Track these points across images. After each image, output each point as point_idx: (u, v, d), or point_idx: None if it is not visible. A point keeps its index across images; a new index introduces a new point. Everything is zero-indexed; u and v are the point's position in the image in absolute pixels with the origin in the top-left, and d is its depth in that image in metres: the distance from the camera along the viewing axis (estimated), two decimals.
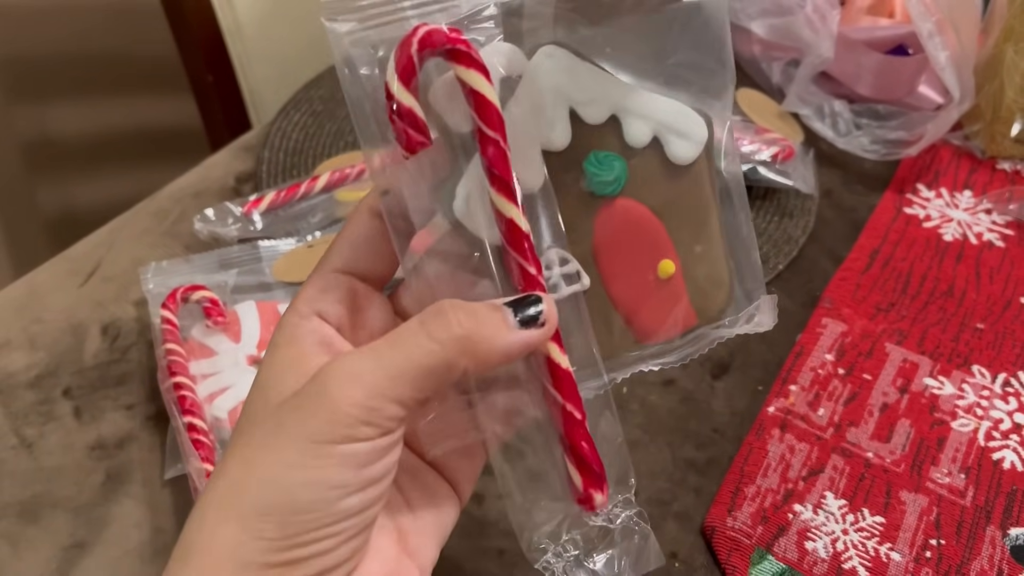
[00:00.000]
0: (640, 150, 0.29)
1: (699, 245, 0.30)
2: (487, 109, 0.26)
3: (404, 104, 0.25)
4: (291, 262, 0.53)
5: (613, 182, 0.29)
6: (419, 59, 0.25)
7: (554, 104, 0.28)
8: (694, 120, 0.29)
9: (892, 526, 0.44)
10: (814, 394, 0.50)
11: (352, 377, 0.25)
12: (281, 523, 0.25)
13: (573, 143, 0.29)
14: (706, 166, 0.30)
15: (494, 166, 0.26)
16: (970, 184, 0.66)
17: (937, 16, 0.60)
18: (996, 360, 0.53)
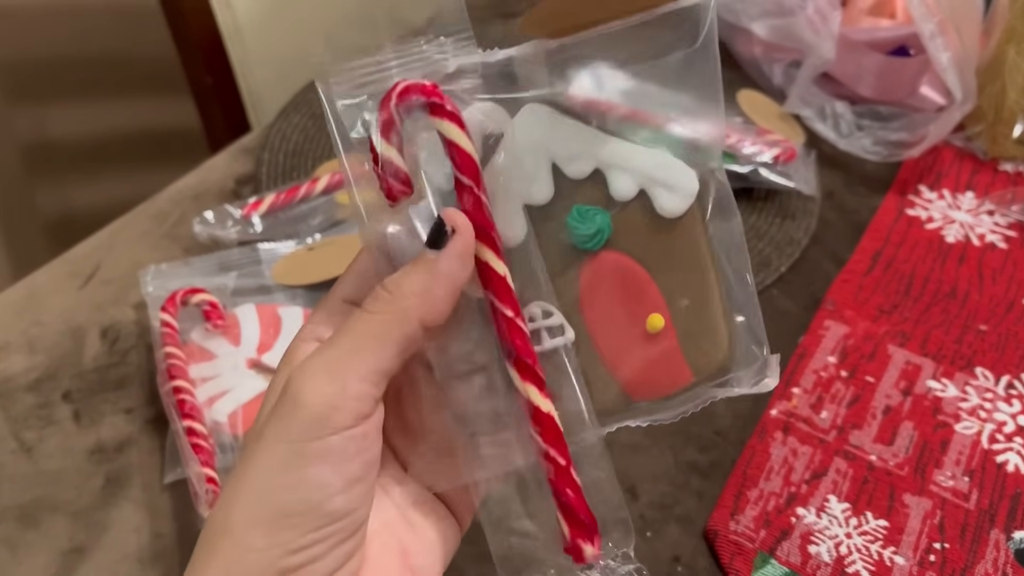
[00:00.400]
0: (626, 203, 0.29)
1: (690, 299, 0.29)
2: (462, 158, 0.27)
3: (385, 156, 0.27)
4: (291, 265, 0.53)
5: (595, 235, 0.29)
6: (398, 113, 0.26)
7: (535, 159, 0.29)
8: (683, 172, 0.29)
9: (896, 529, 0.44)
10: (817, 397, 0.50)
11: (310, 371, 0.25)
12: (269, 531, 0.25)
13: (556, 197, 0.29)
14: (698, 218, 0.29)
15: (469, 212, 0.27)
16: (972, 185, 0.66)
17: (939, 17, 0.60)
18: (999, 362, 0.52)
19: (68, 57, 1.31)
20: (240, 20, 0.95)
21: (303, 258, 0.53)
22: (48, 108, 1.32)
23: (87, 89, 1.32)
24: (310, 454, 0.25)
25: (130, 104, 1.30)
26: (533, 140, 0.28)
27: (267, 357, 0.47)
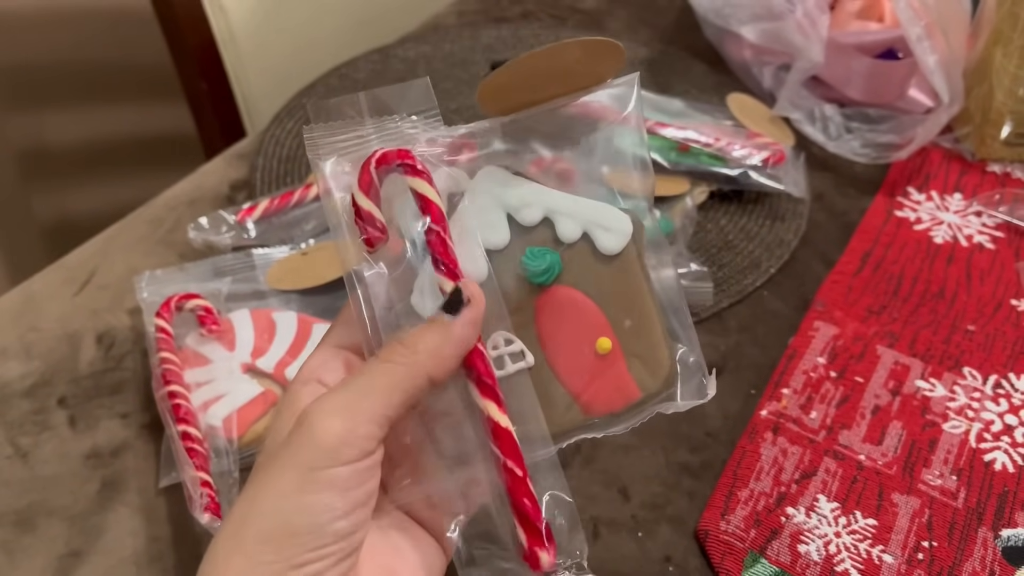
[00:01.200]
0: (572, 244, 0.34)
1: (632, 324, 0.33)
2: (430, 206, 0.31)
3: (364, 208, 0.31)
4: (285, 270, 0.53)
5: (546, 271, 0.33)
6: (377, 173, 0.31)
7: (492, 210, 0.33)
8: (618, 216, 0.33)
9: (884, 528, 0.44)
10: (806, 397, 0.51)
11: (326, 409, 0.29)
12: (278, 547, 0.27)
13: (512, 241, 0.33)
14: (635, 255, 0.34)
15: (436, 251, 0.31)
16: (960, 187, 0.66)
17: (926, 20, 0.61)
18: (987, 362, 0.53)
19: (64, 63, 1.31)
20: (234, 26, 0.96)
21: (297, 263, 0.54)
22: (44, 114, 1.32)
23: (83, 95, 1.32)
24: (320, 481, 0.28)
25: (125, 110, 1.30)
26: (490, 194, 0.33)
27: (261, 362, 0.48)
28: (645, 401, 0.33)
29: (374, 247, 0.32)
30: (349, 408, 0.29)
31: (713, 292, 0.55)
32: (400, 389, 0.29)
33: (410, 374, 0.29)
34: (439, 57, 0.79)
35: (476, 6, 0.87)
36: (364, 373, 0.30)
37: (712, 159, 0.62)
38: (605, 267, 0.34)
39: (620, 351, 0.33)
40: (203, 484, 0.41)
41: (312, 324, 0.50)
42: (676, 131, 0.62)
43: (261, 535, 0.28)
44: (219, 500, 0.42)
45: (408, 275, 0.32)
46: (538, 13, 0.86)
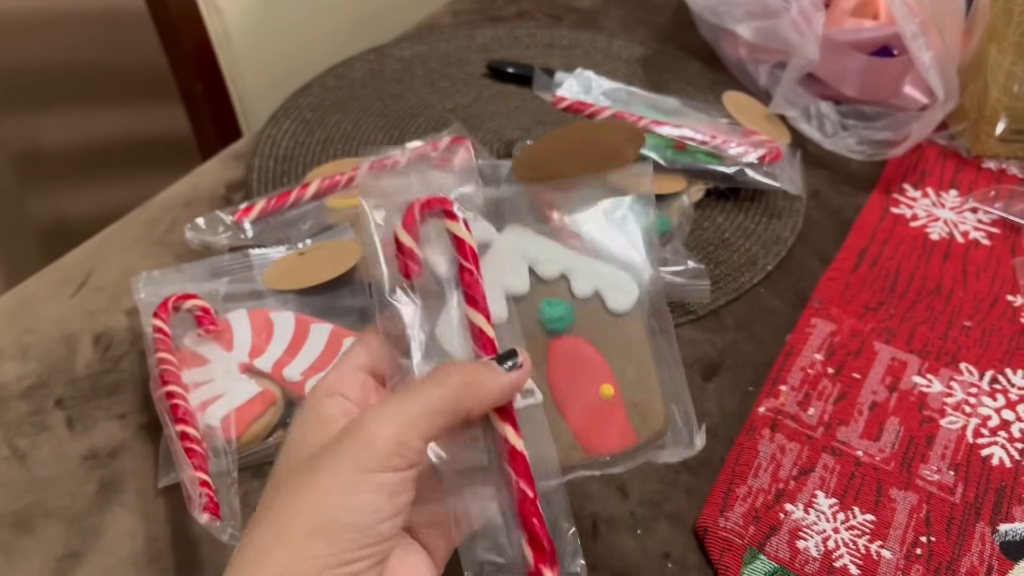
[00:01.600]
0: (585, 300, 0.38)
1: (633, 375, 0.37)
2: (463, 247, 0.35)
3: (405, 244, 0.35)
4: (282, 270, 0.53)
5: (559, 320, 0.37)
6: (419, 215, 0.35)
7: (516, 261, 0.38)
8: (628, 281, 0.38)
9: (883, 524, 0.45)
10: (804, 394, 0.51)
11: (383, 418, 0.31)
12: (328, 542, 0.29)
13: (532, 291, 0.37)
14: (640, 314, 0.37)
15: (467, 287, 0.35)
16: (956, 183, 0.66)
17: (921, 17, 0.61)
18: (983, 357, 0.53)
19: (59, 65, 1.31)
20: (230, 27, 0.96)
21: (294, 263, 0.54)
22: (39, 116, 1.32)
23: (78, 97, 1.32)
24: (371, 483, 0.30)
25: (121, 111, 1.30)
26: (515, 248, 0.38)
27: (259, 362, 0.48)
28: (641, 446, 0.36)
29: (410, 279, 0.35)
30: (404, 420, 0.31)
31: (710, 290, 0.55)
32: (447, 414, 0.32)
33: (456, 401, 0.32)
34: (435, 57, 0.79)
35: (471, 5, 0.87)
36: (419, 390, 0.32)
37: (708, 157, 0.62)
38: (613, 322, 0.37)
39: (621, 399, 0.36)
40: (202, 484, 0.41)
41: (310, 324, 0.50)
42: (672, 129, 0.62)
43: (311, 530, 0.29)
44: (218, 500, 0.42)
45: (436, 308, 0.35)
46: (534, 12, 0.86)
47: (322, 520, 0.29)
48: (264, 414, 0.46)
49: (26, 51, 1.26)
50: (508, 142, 0.69)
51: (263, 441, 0.46)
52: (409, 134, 0.70)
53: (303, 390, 0.47)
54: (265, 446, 0.46)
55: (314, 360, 0.48)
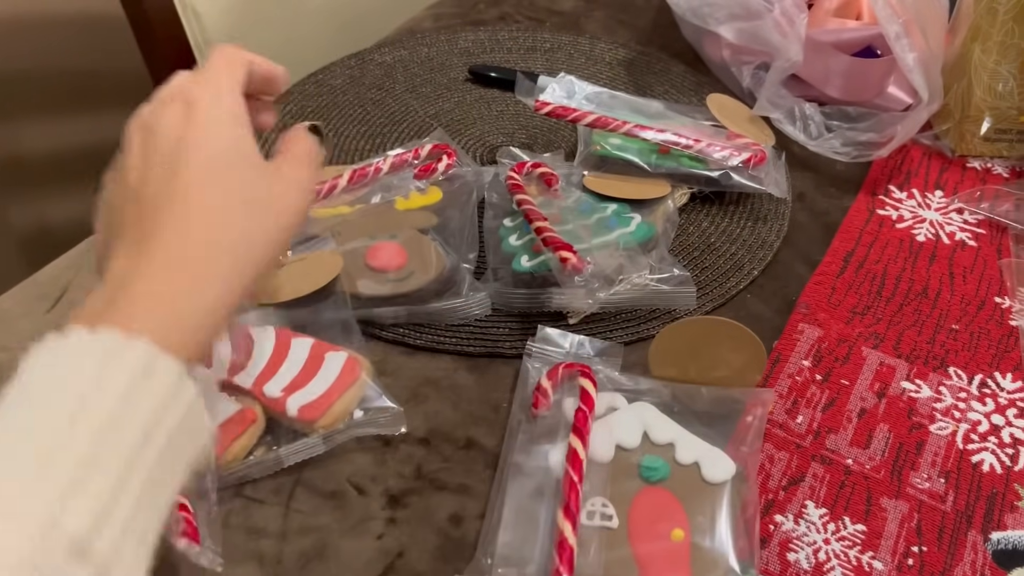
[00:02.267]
0: (685, 465, 0.44)
1: (707, 538, 0.42)
2: (587, 398, 0.46)
3: (543, 386, 0.47)
4: (262, 283, 0.52)
5: (654, 471, 0.44)
6: (563, 373, 0.48)
7: (635, 423, 0.46)
8: (725, 461, 0.44)
9: (874, 534, 0.44)
10: (792, 401, 0.50)
11: None
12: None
13: (640, 447, 0.45)
14: (729, 489, 0.43)
15: (579, 422, 0.45)
16: (941, 184, 0.66)
17: (904, 18, 0.61)
18: (972, 361, 0.53)
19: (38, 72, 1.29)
20: (209, 32, 0.94)
21: (274, 275, 0.53)
22: (19, 123, 1.30)
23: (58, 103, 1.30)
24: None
25: (102, 118, 1.28)
26: (637, 413, 0.47)
27: (239, 379, 0.47)
28: None
29: (538, 408, 0.47)
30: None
31: (696, 296, 0.55)
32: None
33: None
34: (416, 62, 0.78)
35: (453, 9, 0.86)
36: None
37: (693, 161, 0.62)
38: (702, 488, 0.44)
39: (688, 546, 0.42)
40: (179, 508, 0.40)
41: (291, 338, 0.49)
42: (656, 134, 0.61)
43: None
44: (197, 524, 0.41)
45: (547, 437, 0.45)
46: (515, 15, 0.85)
47: None
48: (244, 433, 0.45)
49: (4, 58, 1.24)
50: (491, 147, 0.68)
51: (244, 460, 0.45)
52: (391, 141, 0.69)
53: (284, 407, 0.46)
54: (246, 465, 0.45)
55: (295, 376, 0.47)
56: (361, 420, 0.47)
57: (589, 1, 0.88)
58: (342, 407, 0.46)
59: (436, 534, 0.44)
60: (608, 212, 0.59)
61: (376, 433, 0.48)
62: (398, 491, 0.45)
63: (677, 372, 0.48)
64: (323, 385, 0.47)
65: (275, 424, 0.47)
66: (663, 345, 0.48)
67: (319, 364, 0.48)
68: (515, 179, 0.59)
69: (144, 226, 0.35)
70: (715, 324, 0.47)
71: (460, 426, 0.49)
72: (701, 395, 0.48)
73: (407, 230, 0.57)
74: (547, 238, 0.53)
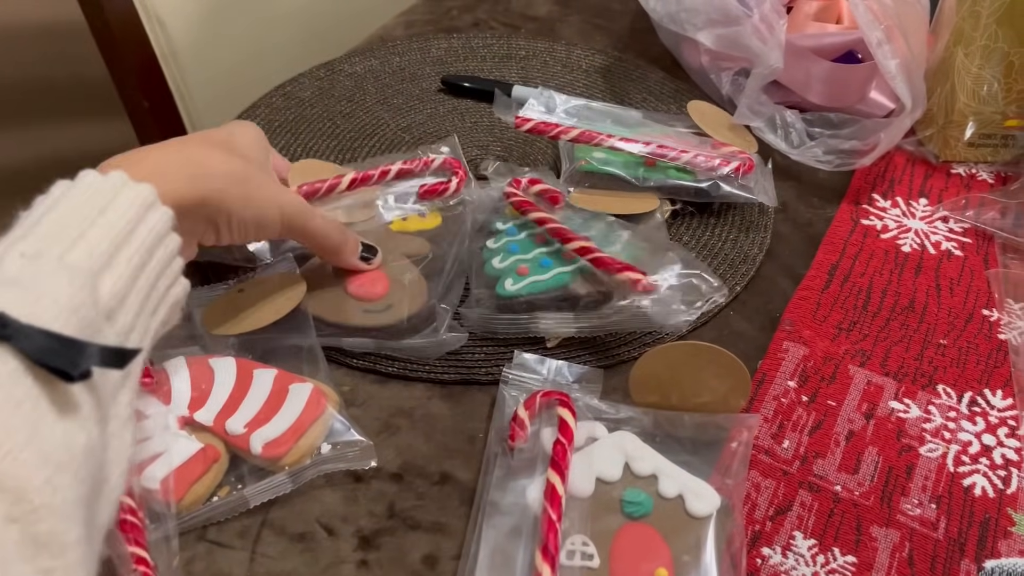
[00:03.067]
0: (668, 499, 0.43)
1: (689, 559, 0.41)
2: (567, 429, 0.44)
3: (520, 416, 0.46)
4: (222, 311, 0.50)
5: (637, 505, 0.42)
6: (541, 402, 0.46)
7: (615, 454, 0.44)
8: (710, 493, 0.43)
9: (864, 566, 0.42)
10: (778, 425, 0.49)
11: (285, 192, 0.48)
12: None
13: (621, 480, 0.43)
14: (714, 522, 0.42)
15: (557, 456, 0.43)
16: (925, 191, 0.65)
17: (886, 23, 0.59)
18: (961, 378, 0.51)
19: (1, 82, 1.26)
20: (175, 43, 0.92)
21: (234, 302, 0.50)
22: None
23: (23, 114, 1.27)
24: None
25: (67, 128, 1.26)
26: (617, 444, 0.45)
27: (199, 415, 0.44)
28: None
29: (514, 440, 0.45)
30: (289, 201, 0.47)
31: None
32: (308, 237, 0.49)
33: (318, 241, 0.50)
34: (388, 71, 0.76)
35: (425, 16, 0.84)
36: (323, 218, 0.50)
37: (680, 172, 0.60)
38: (688, 523, 0.42)
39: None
40: (137, 561, 0.38)
41: (252, 369, 0.47)
42: (643, 147, 0.59)
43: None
44: (158, 574, 0.39)
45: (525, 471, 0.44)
46: (489, 21, 0.83)
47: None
48: (206, 473, 0.43)
49: None
50: (467, 161, 0.66)
51: (207, 502, 0.43)
52: (361, 155, 0.67)
53: (248, 444, 0.44)
54: (209, 508, 0.43)
55: (258, 410, 0.45)
56: (329, 455, 0.45)
57: (564, 6, 0.86)
58: (308, 442, 0.44)
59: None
60: (598, 229, 0.56)
61: (345, 468, 0.46)
62: (370, 531, 0.43)
63: (659, 398, 0.46)
64: (288, 419, 0.44)
65: (239, 462, 0.45)
66: (644, 371, 0.46)
67: (283, 397, 0.46)
68: (519, 195, 0.56)
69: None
70: (697, 349, 0.45)
71: (434, 460, 0.47)
72: (684, 422, 0.46)
73: (396, 256, 0.54)
74: (598, 259, 0.50)
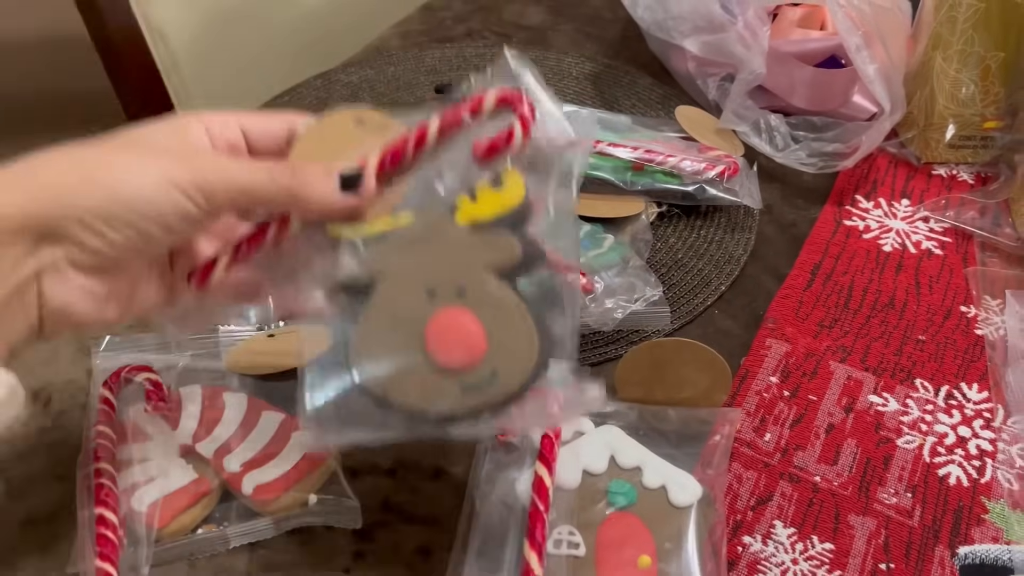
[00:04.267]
0: (652, 489, 0.44)
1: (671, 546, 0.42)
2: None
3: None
4: (247, 351, 0.51)
5: (622, 495, 0.43)
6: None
7: (601, 448, 0.45)
8: (692, 484, 0.44)
9: (842, 552, 0.44)
10: (760, 419, 0.50)
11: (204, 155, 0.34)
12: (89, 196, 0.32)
13: (607, 472, 0.45)
14: (696, 512, 0.43)
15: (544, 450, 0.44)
16: (907, 192, 0.66)
17: (864, 29, 0.61)
18: (938, 372, 0.53)
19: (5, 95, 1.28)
20: (176, 53, 0.94)
21: (261, 346, 0.51)
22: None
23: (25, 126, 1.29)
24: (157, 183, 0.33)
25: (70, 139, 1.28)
26: (603, 438, 0.46)
27: (201, 446, 0.45)
28: None
29: (504, 438, 0.45)
30: (215, 169, 0.32)
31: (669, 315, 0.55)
32: (257, 197, 0.33)
33: (271, 196, 0.33)
34: (383, 81, 0.78)
35: (419, 27, 0.86)
36: (251, 168, 0.33)
37: (667, 176, 0.62)
38: (670, 512, 0.43)
39: (656, 568, 0.41)
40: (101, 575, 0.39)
41: (262, 410, 0.47)
42: (630, 152, 0.61)
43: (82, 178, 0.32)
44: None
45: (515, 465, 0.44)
46: (483, 31, 0.85)
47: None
48: (195, 505, 0.44)
49: None
50: None
51: (190, 534, 0.44)
52: None
53: (240, 484, 0.44)
54: (191, 539, 0.44)
55: (259, 451, 0.45)
56: (315, 508, 0.44)
57: (557, 15, 0.88)
58: (298, 495, 0.44)
59: (404, 568, 0.44)
60: (581, 233, 0.58)
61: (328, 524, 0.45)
62: (365, 524, 0.45)
63: (643, 394, 0.48)
64: (283, 467, 0.45)
65: (229, 498, 0.45)
66: (628, 367, 0.48)
67: (284, 443, 0.46)
68: None
69: None
70: (679, 345, 0.47)
71: (428, 455, 0.48)
72: (668, 417, 0.47)
73: (479, 275, 0.36)
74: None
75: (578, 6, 0.89)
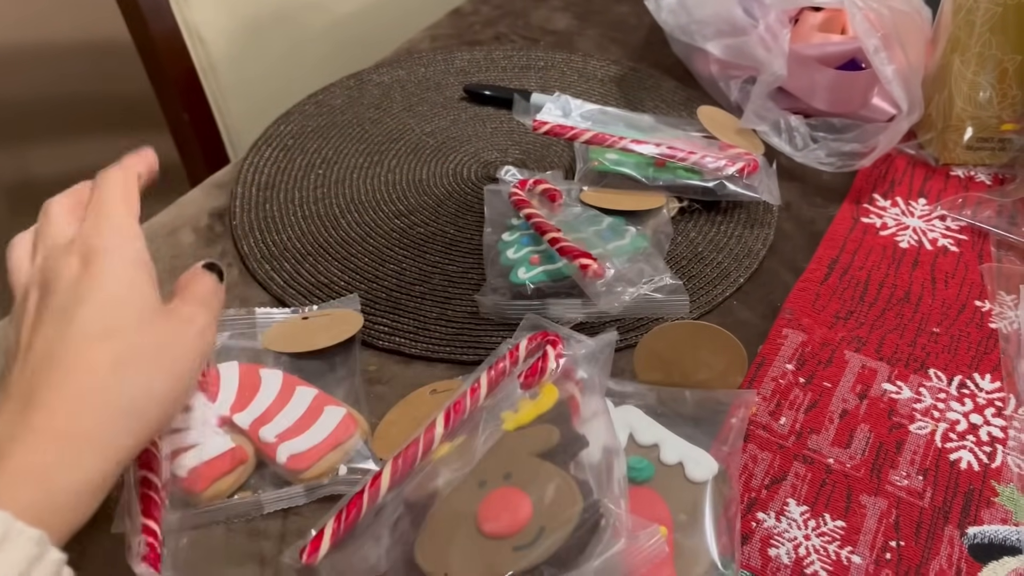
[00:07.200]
0: (669, 465, 0.45)
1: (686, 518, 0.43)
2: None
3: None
4: (282, 332, 0.53)
5: (640, 470, 0.45)
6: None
7: (620, 424, 0.46)
8: (708, 460, 0.45)
9: (852, 529, 0.45)
10: (775, 403, 0.52)
11: None
12: None
13: (626, 448, 0.46)
14: (711, 488, 0.44)
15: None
16: (924, 192, 0.68)
17: (883, 32, 0.62)
18: (952, 363, 0.54)
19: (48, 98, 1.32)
20: (214, 56, 0.97)
21: (296, 327, 0.54)
22: (29, 148, 1.33)
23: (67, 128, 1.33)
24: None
25: (110, 142, 1.31)
26: (622, 417, 0.48)
27: (239, 417, 0.47)
28: None
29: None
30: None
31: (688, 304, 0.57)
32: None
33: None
34: (413, 81, 0.80)
35: (449, 30, 0.88)
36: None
37: (688, 172, 0.64)
38: (687, 486, 0.44)
39: (672, 539, 0.42)
40: (146, 531, 0.40)
41: (296, 386, 0.50)
42: (653, 148, 0.63)
43: None
44: (161, 551, 0.41)
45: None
46: (510, 35, 0.88)
47: None
48: (232, 472, 0.46)
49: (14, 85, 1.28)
50: (486, 164, 0.70)
51: (226, 499, 0.46)
52: (388, 158, 0.71)
53: (275, 453, 0.46)
54: (228, 504, 0.46)
55: (292, 424, 0.47)
56: (345, 478, 0.46)
57: (582, 20, 0.90)
58: (329, 463, 0.46)
59: None
60: (604, 225, 0.60)
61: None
62: None
63: (662, 376, 0.50)
64: (316, 438, 0.47)
65: (263, 468, 0.47)
66: (647, 350, 0.49)
67: (317, 416, 0.48)
68: (520, 195, 0.61)
69: (31, 387, 0.34)
70: (696, 328, 0.49)
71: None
72: (685, 398, 0.49)
73: (524, 460, 0.42)
74: (564, 247, 0.54)
75: (603, 12, 0.91)
